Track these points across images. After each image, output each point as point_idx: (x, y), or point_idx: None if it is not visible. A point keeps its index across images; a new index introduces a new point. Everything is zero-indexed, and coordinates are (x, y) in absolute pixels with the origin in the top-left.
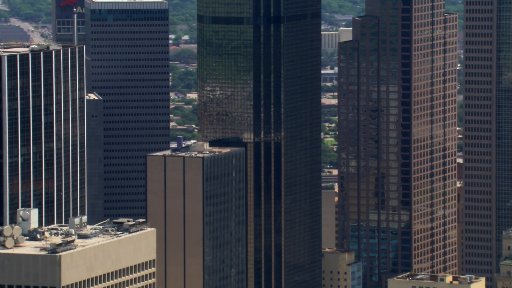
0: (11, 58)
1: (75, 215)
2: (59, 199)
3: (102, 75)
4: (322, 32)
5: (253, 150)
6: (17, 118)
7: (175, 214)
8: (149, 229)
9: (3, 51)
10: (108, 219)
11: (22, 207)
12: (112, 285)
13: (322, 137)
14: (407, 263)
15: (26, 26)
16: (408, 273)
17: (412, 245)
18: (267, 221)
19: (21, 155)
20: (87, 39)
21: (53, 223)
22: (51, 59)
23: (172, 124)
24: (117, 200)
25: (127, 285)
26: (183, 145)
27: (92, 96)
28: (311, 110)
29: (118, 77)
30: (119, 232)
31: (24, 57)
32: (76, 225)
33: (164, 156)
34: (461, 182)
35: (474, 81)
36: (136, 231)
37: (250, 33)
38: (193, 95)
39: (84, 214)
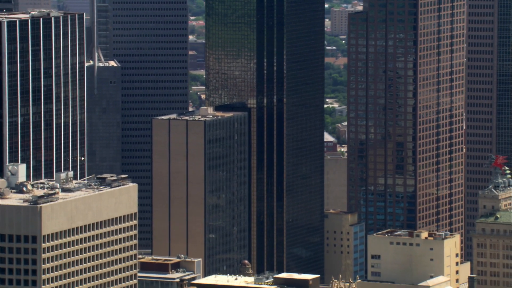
0: (11, 24)
1: (74, 173)
2: (58, 157)
3: (123, 44)
4: None
5: (256, 114)
6: (17, 80)
7: (178, 174)
8: (131, 184)
9: (5, 17)
10: (94, 175)
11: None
12: (93, 236)
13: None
14: (412, 225)
15: None
16: (388, 229)
17: (418, 207)
18: (269, 183)
19: (21, 115)
20: (109, 9)
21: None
22: (51, 25)
23: None
24: (134, 163)
25: (109, 236)
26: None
27: (112, 63)
28: (314, 76)
29: (138, 46)
30: (101, 187)
31: (23, 23)
32: (62, 179)
33: (169, 119)
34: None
35: (477, 50)
36: (117, 186)
37: (253, 2)
38: None
39: (71, 170)
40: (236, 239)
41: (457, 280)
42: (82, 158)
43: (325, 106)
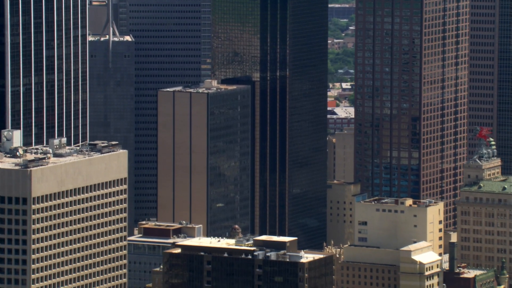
0: None
1: (76, 141)
2: (60, 124)
3: (139, 19)
4: None
5: (259, 87)
6: (19, 52)
7: (182, 145)
8: (121, 150)
9: None
10: (86, 141)
11: (24, 132)
12: (83, 199)
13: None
14: (417, 197)
15: None
16: (376, 197)
17: (422, 179)
18: (272, 154)
19: (23, 85)
20: None
21: None
22: None
23: None
24: (147, 134)
25: (98, 199)
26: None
27: (128, 38)
28: (317, 50)
29: (153, 21)
30: (92, 152)
31: None
32: (56, 145)
33: (174, 91)
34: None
35: (479, 28)
36: (108, 152)
37: None
38: None
39: (63, 136)
40: (239, 207)
41: (440, 246)
42: None
43: None
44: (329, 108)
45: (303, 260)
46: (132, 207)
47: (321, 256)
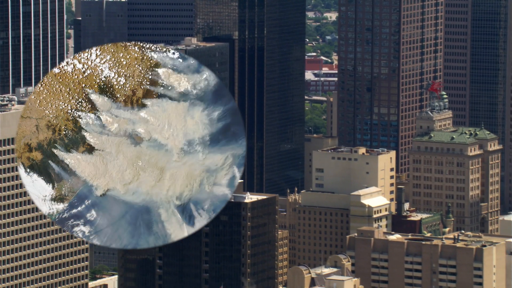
0: None
1: None
2: (37, 77)
3: None
4: None
5: (238, 45)
6: None
7: None
8: None
9: None
10: None
11: (1, 82)
12: None
13: None
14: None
15: None
16: (334, 146)
17: (400, 134)
18: (250, 108)
19: (0, 39)
20: None
21: None
22: None
23: None
24: None
25: None
26: None
27: None
28: (294, 10)
29: None
30: None
31: None
32: (22, 94)
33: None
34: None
35: None
36: None
37: None
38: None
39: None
40: None
41: (391, 192)
42: None
43: None
44: None
45: (246, 201)
46: None
47: (264, 197)
